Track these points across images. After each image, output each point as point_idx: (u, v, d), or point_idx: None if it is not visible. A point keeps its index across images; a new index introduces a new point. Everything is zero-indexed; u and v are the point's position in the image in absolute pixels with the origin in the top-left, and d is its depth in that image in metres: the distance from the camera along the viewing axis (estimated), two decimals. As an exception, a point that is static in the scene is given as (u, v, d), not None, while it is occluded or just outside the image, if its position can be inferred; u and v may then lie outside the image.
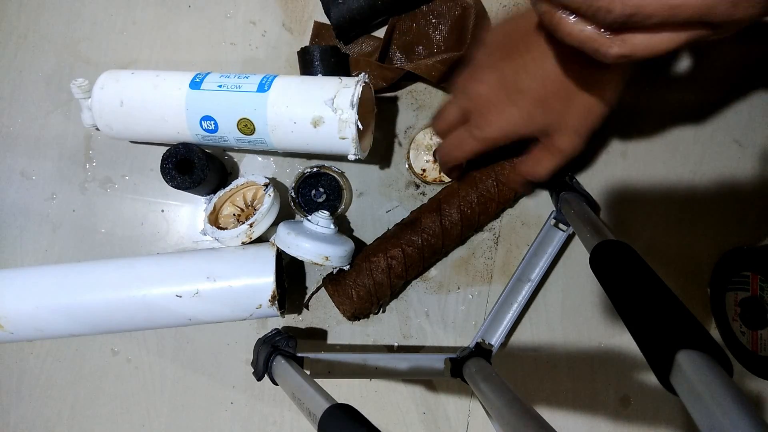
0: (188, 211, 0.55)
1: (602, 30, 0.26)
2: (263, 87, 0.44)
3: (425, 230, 0.49)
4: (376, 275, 0.49)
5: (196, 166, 0.48)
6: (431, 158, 0.53)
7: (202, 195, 0.53)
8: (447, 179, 0.53)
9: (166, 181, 0.48)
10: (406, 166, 0.54)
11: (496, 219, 0.55)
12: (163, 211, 0.55)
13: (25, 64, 0.54)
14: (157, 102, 0.46)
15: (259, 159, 0.55)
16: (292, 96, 0.44)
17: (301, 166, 0.54)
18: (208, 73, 0.46)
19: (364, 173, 0.55)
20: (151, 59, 0.55)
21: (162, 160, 0.48)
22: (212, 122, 0.45)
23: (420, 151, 0.53)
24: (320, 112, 0.43)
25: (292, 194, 0.53)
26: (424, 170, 0.53)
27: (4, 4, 0.55)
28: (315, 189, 0.53)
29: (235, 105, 0.44)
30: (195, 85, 0.45)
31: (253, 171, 0.55)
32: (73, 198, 0.55)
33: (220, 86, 0.45)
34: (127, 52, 0.55)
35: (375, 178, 0.55)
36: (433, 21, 0.52)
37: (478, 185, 0.50)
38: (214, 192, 0.52)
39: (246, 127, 0.45)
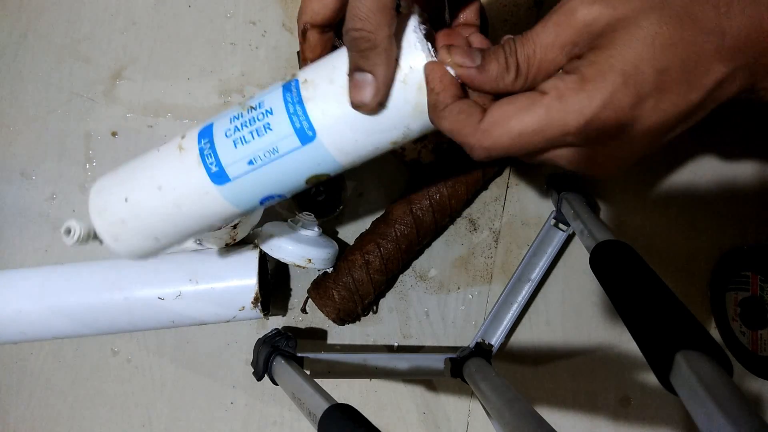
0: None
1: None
2: (304, 134, 0.29)
3: (397, 221, 0.49)
4: (354, 273, 0.49)
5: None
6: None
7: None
8: (425, 159, 0.52)
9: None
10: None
11: (471, 203, 0.55)
12: (163, 211, 0.55)
13: (25, 64, 0.54)
14: (189, 219, 0.33)
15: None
16: (352, 121, 0.29)
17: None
18: (206, 139, 0.31)
19: (363, 173, 0.55)
20: (151, 59, 0.55)
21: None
22: (272, 198, 0.32)
23: None
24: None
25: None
26: (403, 149, 0.53)
27: (4, 4, 0.55)
28: (315, 188, 0.53)
29: (292, 173, 0.30)
30: (218, 178, 0.30)
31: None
32: (73, 198, 0.55)
33: (251, 162, 0.30)
34: (127, 52, 0.55)
35: (375, 177, 0.55)
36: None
37: (444, 170, 0.50)
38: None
39: (318, 177, 0.31)
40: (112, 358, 0.55)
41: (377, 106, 0.28)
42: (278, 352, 0.47)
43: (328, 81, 0.28)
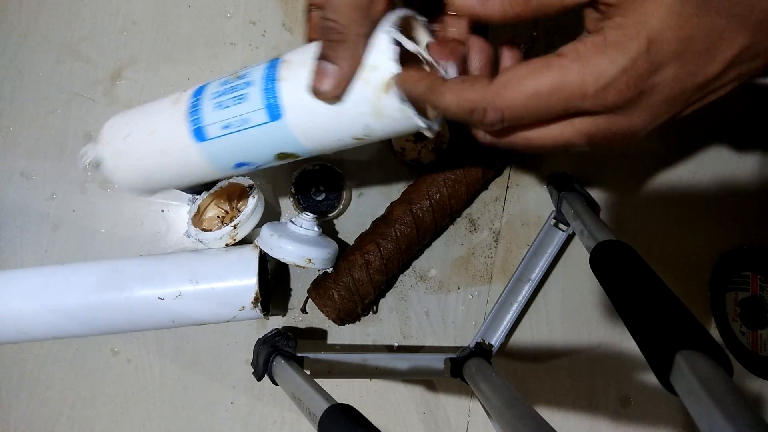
0: (188, 212, 0.55)
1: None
2: (272, 111, 0.31)
3: (397, 221, 0.49)
4: (354, 273, 0.49)
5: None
6: (411, 138, 0.53)
7: (189, 193, 0.53)
8: (425, 159, 0.53)
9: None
10: (389, 149, 0.54)
11: (471, 203, 0.55)
12: (163, 211, 0.55)
13: (25, 64, 0.54)
14: (172, 166, 0.36)
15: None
16: (314, 108, 0.30)
17: (302, 165, 0.54)
18: (197, 97, 0.34)
19: (364, 173, 0.55)
20: (151, 59, 0.55)
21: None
22: (248, 165, 0.35)
23: None
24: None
25: (292, 190, 0.53)
26: (403, 149, 0.53)
27: (4, 4, 0.55)
28: (315, 187, 0.53)
29: (261, 146, 0.33)
30: (197, 135, 0.34)
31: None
32: (73, 198, 0.55)
33: (225, 127, 0.32)
34: (127, 52, 0.55)
35: (375, 178, 0.55)
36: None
37: (444, 170, 0.50)
38: (199, 192, 0.51)
39: (287, 155, 0.34)
40: (112, 358, 0.55)
41: (334, 97, 0.28)
42: (278, 352, 0.47)
43: (302, 65, 0.29)
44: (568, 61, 0.23)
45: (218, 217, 0.52)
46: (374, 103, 0.28)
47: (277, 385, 0.46)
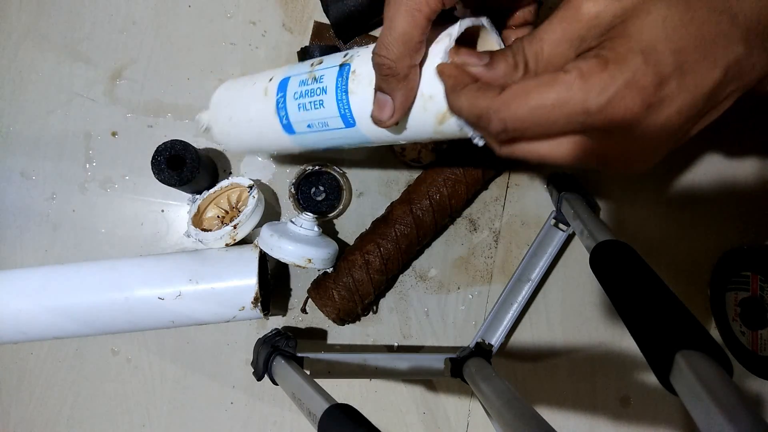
0: (188, 212, 0.55)
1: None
2: (347, 120, 0.34)
3: (397, 221, 0.49)
4: (354, 273, 0.49)
5: (187, 165, 0.48)
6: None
7: (188, 192, 0.53)
8: (425, 161, 0.53)
9: (154, 174, 0.48)
10: (389, 149, 0.54)
11: (472, 203, 0.55)
12: (163, 211, 0.55)
13: (25, 64, 0.54)
14: (268, 144, 0.42)
15: (259, 159, 0.55)
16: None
17: (303, 166, 0.54)
18: (282, 94, 0.38)
19: (364, 173, 0.55)
20: (151, 59, 0.55)
21: (155, 153, 0.48)
22: (331, 149, 0.40)
23: None
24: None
25: (292, 190, 0.53)
26: (403, 149, 0.53)
27: (4, 4, 0.55)
28: (315, 187, 0.53)
29: (341, 141, 0.38)
30: (287, 129, 0.39)
31: (252, 171, 0.55)
32: (73, 198, 0.55)
33: (309, 126, 0.37)
34: (127, 52, 0.55)
35: (375, 178, 0.55)
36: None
37: (443, 169, 0.50)
38: (200, 192, 0.52)
39: (366, 145, 0.38)
40: (112, 358, 0.55)
41: (392, 125, 0.30)
42: (278, 352, 0.47)
43: (369, 82, 0.31)
44: (572, 77, 0.24)
45: (218, 217, 0.52)
46: (434, 126, 0.30)
47: (277, 385, 0.46)
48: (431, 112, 0.30)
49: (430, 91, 0.29)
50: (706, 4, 0.23)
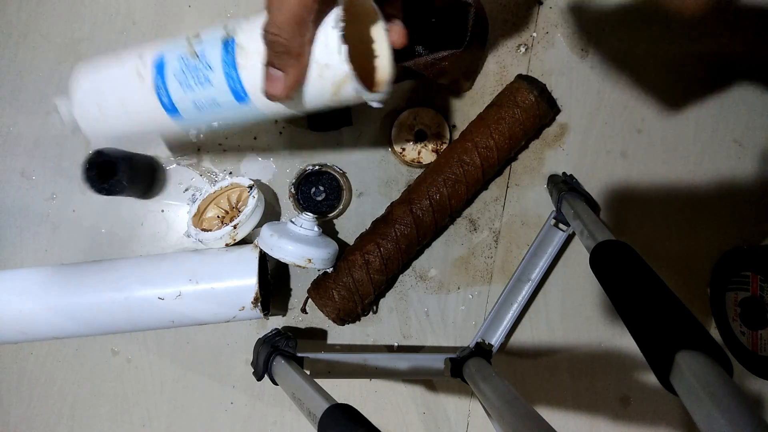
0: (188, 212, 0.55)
1: None
2: (239, 95, 0.34)
3: (397, 221, 0.49)
4: (354, 273, 0.49)
5: (118, 173, 0.48)
6: (411, 138, 0.53)
7: (135, 197, 0.53)
8: (424, 161, 0.53)
9: (88, 186, 0.48)
10: (389, 149, 0.54)
11: (471, 203, 0.55)
12: (163, 211, 0.55)
13: (25, 64, 0.54)
14: (149, 130, 0.39)
15: (259, 159, 0.55)
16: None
17: (303, 165, 0.54)
18: (160, 75, 0.35)
19: (364, 173, 0.55)
20: (151, 59, 0.55)
21: (85, 166, 0.48)
22: (224, 126, 0.39)
23: (401, 131, 0.53)
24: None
25: (292, 190, 0.53)
26: (403, 149, 0.53)
27: (4, 4, 0.54)
28: (315, 187, 0.53)
29: (235, 118, 0.36)
30: (171, 112, 0.36)
31: (252, 171, 0.55)
32: (73, 198, 0.55)
33: (197, 106, 0.35)
34: (127, 52, 0.55)
35: (375, 177, 0.55)
36: (433, 20, 0.52)
37: (443, 169, 0.50)
38: (147, 195, 0.52)
39: (258, 118, 0.37)
40: (112, 358, 0.55)
41: (286, 99, 0.31)
42: (278, 352, 0.47)
43: (258, 54, 0.31)
44: None
45: (218, 217, 0.52)
46: (331, 93, 0.31)
47: (277, 385, 0.46)
48: (328, 80, 0.31)
49: (326, 59, 0.30)
50: None
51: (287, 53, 0.29)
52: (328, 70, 0.30)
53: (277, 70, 0.30)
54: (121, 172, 0.47)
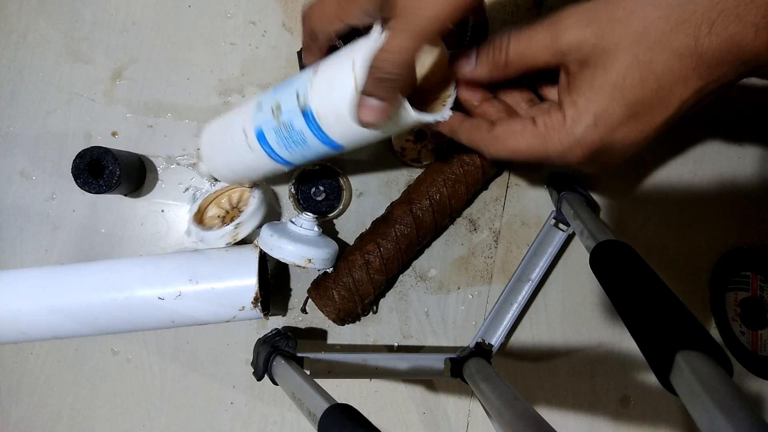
0: (189, 210, 0.55)
1: None
2: (335, 147, 0.39)
3: (397, 221, 0.49)
4: (354, 273, 0.49)
5: (107, 170, 0.49)
6: (411, 138, 0.53)
7: (123, 194, 0.54)
8: (425, 161, 0.53)
9: (77, 183, 0.49)
10: (389, 149, 0.54)
11: (471, 203, 0.55)
12: (163, 211, 0.55)
13: (25, 64, 0.54)
14: (259, 174, 0.46)
15: (259, 159, 0.55)
16: (359, 137, 0.37)
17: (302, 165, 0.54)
18: (267, 145, 0.41)
19: (364, 173, 0.55)
20: (151, 59, 0.55)
21: (74, 161, 0.49)
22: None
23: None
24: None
25: (292, 190, 0.53)
26: (403, 149, 0.53)
27: (4, 4, 0.55)
28: (315, 187, 0.53)
29: (324, 155, 0.41)
30: (283, 163, 0.43)
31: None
32: (73, 198, 0.55)
33: (303, 156, 0.41)
34: (127, 52, 0.55)
35: (375, 177, 0.55)
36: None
37: (443, 169, 0.50)
38: (139, 191, 0.53)
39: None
40: (112, 358, 0.55)
41: (381, 127, 0.33)
42: (278, 352, 0.47)
43: (336, 118, 0.35)
44: (538, 131, 0.31)
45: (219, 216, 0.52)
46: (416, 117, 0.34)
47: (277, 385, 0.46)
48: (408, 110, 0.33)
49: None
50: (674, 52, 0.27)
51: (395, 88, 0.31)
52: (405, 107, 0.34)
53: (378, 100, 0.32)
54: (110, 171, 0.49)
